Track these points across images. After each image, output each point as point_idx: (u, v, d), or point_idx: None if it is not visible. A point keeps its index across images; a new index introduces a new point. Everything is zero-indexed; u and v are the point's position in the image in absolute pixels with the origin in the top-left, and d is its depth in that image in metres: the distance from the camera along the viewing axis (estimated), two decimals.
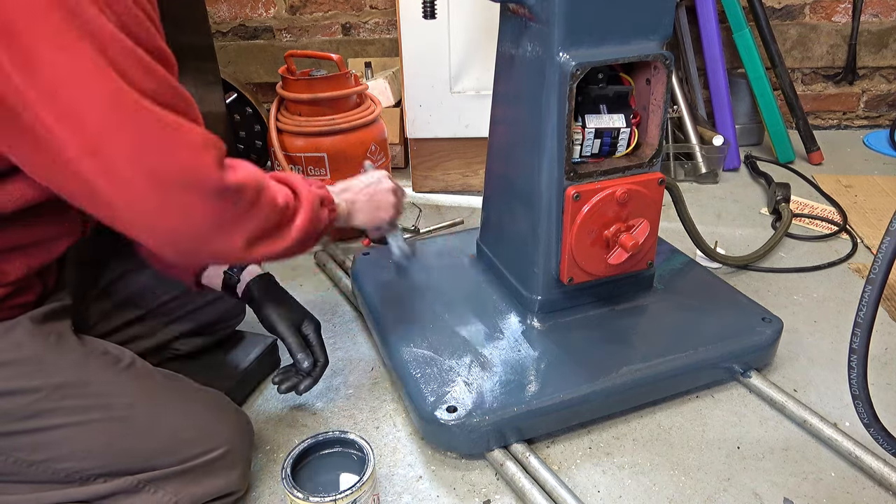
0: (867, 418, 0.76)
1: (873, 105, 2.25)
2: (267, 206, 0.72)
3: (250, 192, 0.69)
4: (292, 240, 0.77)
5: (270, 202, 0.73)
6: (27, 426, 0.73)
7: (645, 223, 1.01)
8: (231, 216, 0.68)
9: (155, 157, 0.62)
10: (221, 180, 0.65)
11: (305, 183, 0.84)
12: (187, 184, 0.64)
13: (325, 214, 0.86)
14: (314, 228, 0.81)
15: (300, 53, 1.50)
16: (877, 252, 0.67)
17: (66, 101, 0.59)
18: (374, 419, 1.04)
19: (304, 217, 0.79)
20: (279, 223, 0.75)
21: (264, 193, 0.72)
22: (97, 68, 0.59)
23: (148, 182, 0.62)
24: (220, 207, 0.66)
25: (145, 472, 0.77)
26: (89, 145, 0.60)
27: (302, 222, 0.78)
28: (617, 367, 0.99)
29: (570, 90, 0.93)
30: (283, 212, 0.76)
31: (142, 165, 0.62)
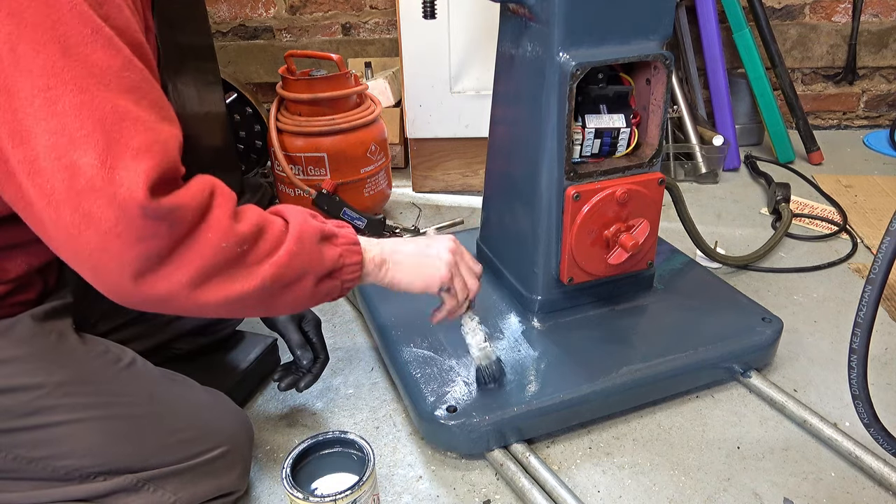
0: (867, 418, 0.76)
1: (873, 105, 2.25)
2: (217, 233, 0.59)
3: (189, 214, 0.58)
4: (264, 278, 0.63)
5: (223, 228, 0.60)
6: (27, 423, 0.73)
7: (645, 223, 1.01)
8: (163, 245, 0.57)
9: (79, 150, 0.53)
10: (146, 197, 0.54)
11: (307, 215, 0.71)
12: (106, 194, 0.53)
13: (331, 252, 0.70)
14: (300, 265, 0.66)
15: (300, 53, 1.50)
16: (877, 252, 0.67)
17: (2, 73, 0.52)
18: (374, 419, 1.04)
19: (285, 249, 0.65)
20: (241, 256, 0.62)
21: (212, 215, 0.60)
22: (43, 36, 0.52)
23: (66, 184, 0.53)
24: (148, 232, 0.55)
25: (145, 470, 0.77)
26: (15, 128, 0.53)
27: (281, 256, 0.64)
28: (617, 367, 0.99)
29: (570, 90, 0.93)
30: (250, 241, 0.62)
31: (63, 159, 0.53)
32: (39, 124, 0.53)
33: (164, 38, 0.74)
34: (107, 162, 0.54)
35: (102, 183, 0.53)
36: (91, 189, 0.53)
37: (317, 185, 1.46)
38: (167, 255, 0.57)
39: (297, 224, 0.68)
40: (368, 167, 1.51)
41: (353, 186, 1.50)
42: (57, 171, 0.53)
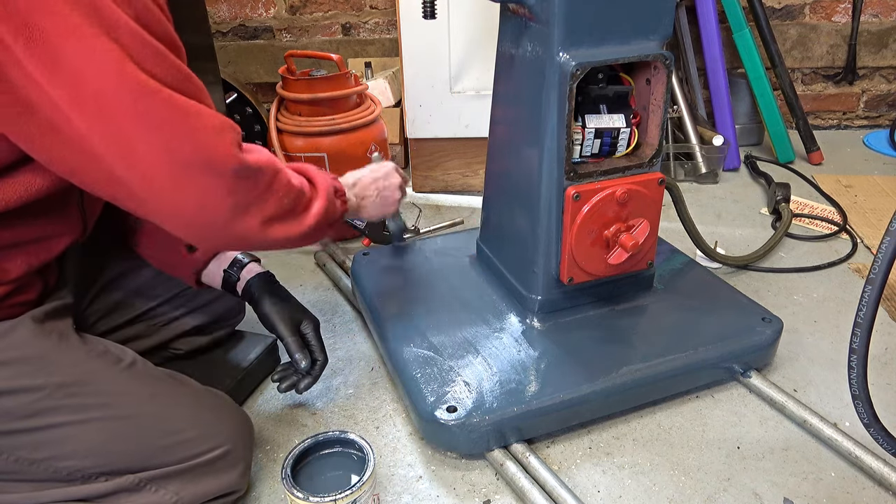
0: (867, 418, 0.76)
1: (873, 105, 2.25)
2: (283, 188, 0.74)
3: (267, 173, 0.71)
4: (308, 226, 0.79)
5: (286, 185, 0.75)
6: (29, 425, 0.73)
7: (645, 223, 1.01)
8: (249, 197, 0.70)
9: (175, 142, 0.64)
10: (240, 161, 0.67)
11: (321, 172, 0.86)
12: (207, 165, 0.66)
13: (338, 206, 0.87)
14: (329, 217, 0.83)
15: (300, 53, 1.50)
16: (877, 252, 0.67)
17: (88, 94, 0.61)
18: (374, 419, 1.04)
19: (320, 204, 0.81)
20: (295, 207, 0.77)
21: (280, 176, 0.74)
22: (116, 60, 0.61)
23: (169, 167, 0.64)
24: (239, 187, 0.68)
25: (146, 470, 0.77)
26: (112, 135, 0.62)
27: (318, 209, 0.80)
28: (617, 367, 0.99)
29: (570, 90, 0.93)
30: (300, 196, 0.78)
31: (162, 150, 0.63)
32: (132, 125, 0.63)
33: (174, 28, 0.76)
34: (198, 143, 0.65)
35: (199, 159, 0.65)
36: (189, 165, 0.65)
37: None
38: (250, 205, 0.70)
39: (323, 183, 0.83)
40: None
41: None
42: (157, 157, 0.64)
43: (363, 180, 1.03)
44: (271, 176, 0.72)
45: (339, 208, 0.87)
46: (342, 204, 0.89)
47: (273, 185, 0.73)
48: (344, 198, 0.89)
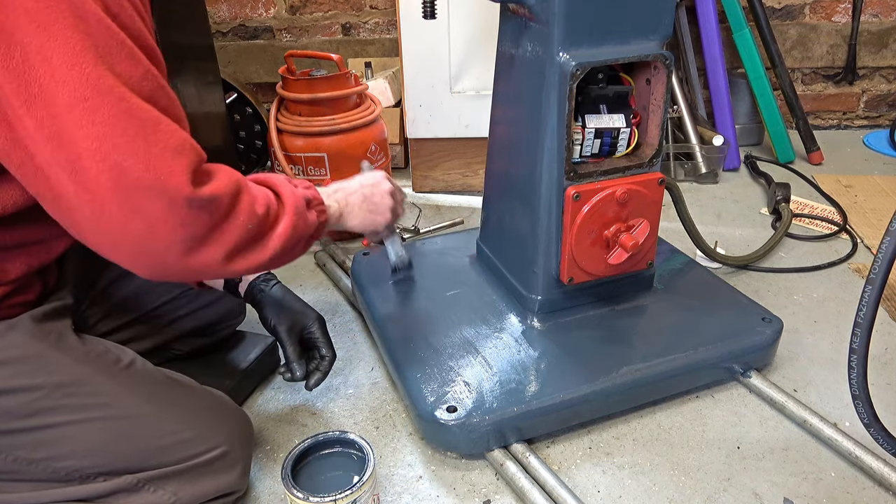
0: (867, 418, 0.76)
1: (873, 105, 2.25)
2: (245, 215, 0.68)
3: (225, 202, 0.65)
4: (274, 249, 0.72)
5: (248, 210, 0.68)
6: (27, 424, 0.73)
7: (645, 223, 1.01)
8: (203, 229, 0.64)
9: (123, 154, 0.58)
10: (192, 190, 0.61)
11: (289, 184, 0.79)
12: (157, 189, 0.59)
13: (313, 217, 0.80)
14: (299, 234, 0.76)
15: (300, 53, 1.50)
16: (877, 252, 0.67)
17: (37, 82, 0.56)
18: (374, 419, 1.04)
19: (286, 223, 0.73)
20: (259, 233, 0.70)
21: (241, 202, 0.67)
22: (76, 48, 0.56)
23: (113, 182, 0.58)
24: (193, 219, 0.62)
25: (145, 470, 0.77)
26: (54, 132, 0.57)
27: (284, 228, 0.73)
28: (617, 367, 0.99)
29: (570, 90, 0.93)
30: (264, 220, 0.71)
31: (108, 161, 0.57)
32: (81, 130, 0.57)
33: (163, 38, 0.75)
34: (150, 163, 0.59)
35: (149, 181, 0.59)
36: (138, 186, 0.59)
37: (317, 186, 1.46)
38: (206, 236, 0.64)
39: (290, 198, 0.76)
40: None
41: None
42: (103, 171, 0.58)
43: (347, 186, 0.96)
44: (230, 204, 0.66)
45: (314, 220, 0.80)
46: (319, 214, 0.81)
47: (233, 213, 0.66)
48: (321, 206, 0.83)
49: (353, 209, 0.94)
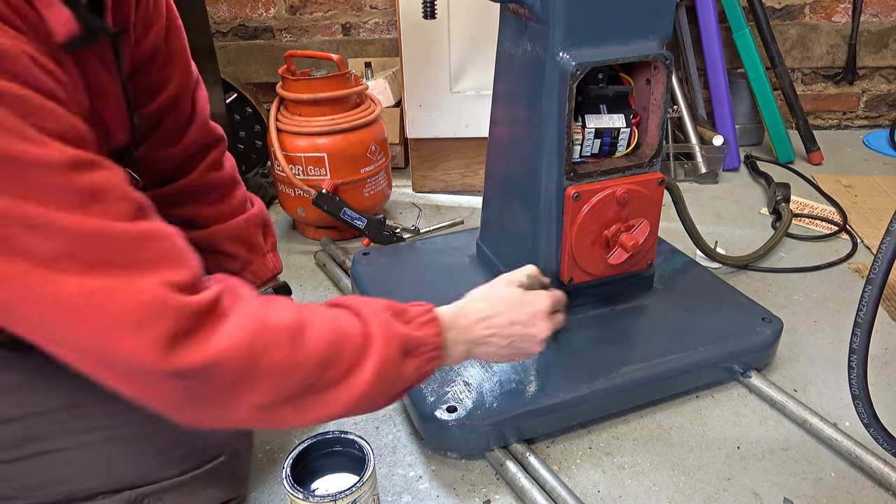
0: (867, 418, 0.76)
1: (873, 105, 2.25)
2: (274, 378, 0.57)
3: (228, 367, 0.55)
4: (342, 406, 0.60)
5: (281, 371, 0.57)
6: (22, 453, 0.71)
7: (645, 223, 1.01)
8: (209, 392, 0.56)
9: (77, 337, 0.52)
10: (168, 363, 0.52)
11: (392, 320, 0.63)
12: (123, 368, 0.54)
13: (412, 369, 0.64)
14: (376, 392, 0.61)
15: (300, 53, 1.50)
16: (877, 252, 0.67)
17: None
18: (374, 419, 1.04)
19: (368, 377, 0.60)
20: (313, 386, 0.59)
21: (265, 360, 0.56)
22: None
23: (78, 361, 0.54)
24: (187, 386, 0.54)
25: (146, 485, 0.75)
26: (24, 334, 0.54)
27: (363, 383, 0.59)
28: (617, 367, 0.99)
29: (570, 90, 0.93)
30: (318, 370, 0.58)
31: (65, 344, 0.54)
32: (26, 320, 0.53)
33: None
34: (106, 345, 0.52)
35: (114, 362, 0.53)
36: (107, 365, 0.54)
37: (317, 185, 1.46)
38: (217, 401, 0.56)
39: (381, 340, 0.61)
40: (368, 167, 1.51)
41: (353, 186, 1.50)
42: (70, 356, 0.55)
43: (496, 319, 0.74)
44: (244, 367, 0.55)
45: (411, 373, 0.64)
46: (425, 363, 0.65)
47: (251, 375, 0.56)
48: (434, 352, 0.66)
49: (489, 352, 0.75)
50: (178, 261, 0.57)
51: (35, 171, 0.50)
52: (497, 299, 0.78)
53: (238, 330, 0.56)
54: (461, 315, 0.74)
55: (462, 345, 0.72)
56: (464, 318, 0.74)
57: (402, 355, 0.64)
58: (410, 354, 0.65)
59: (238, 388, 0.56)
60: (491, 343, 0.74)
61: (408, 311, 0.68)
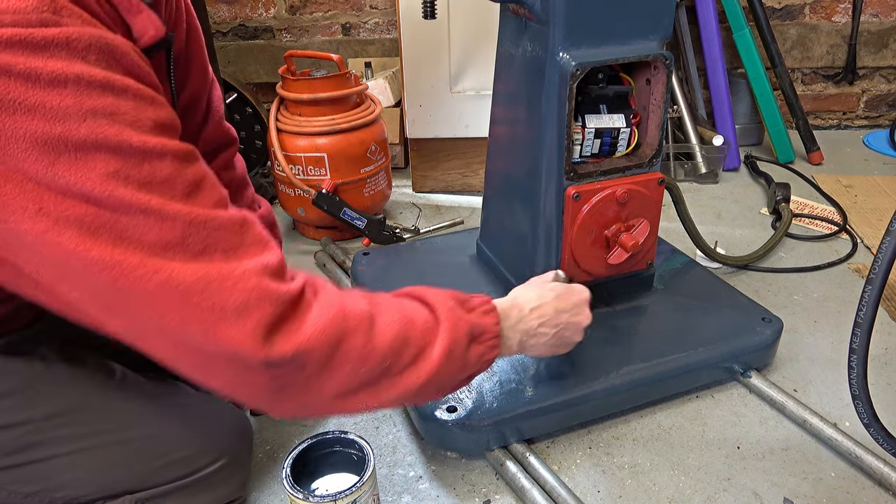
0: (867, 418, 0.76)
1: (873, 105, 2.25)
2: (351, 364, 0.59)
3: (316, 354, 0.57)
4: (414, 387, 0.62)
5: (358, 357, 0.59)
6: (18, 460, 0.70)
7: (645, 223, 1.01)
8: (295, 383, 0.58)
9: (176, 328, 0.54)
10: (266, 353, 0.55)
11: (457, 307, 0.66)
12: (221, 357, 0.55)
13: (476, 355, 0.67)
14: (447, 377, 0.65)
15: (300, 53, 1.50)
16: (877, 252, 0.67)
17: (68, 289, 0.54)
18: (374, 419, 1.04)
19: (430, 364, 0.62)
20: (383, 372, 0.61)
21: (344, 347, 0.59)
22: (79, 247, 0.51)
23: (175, 352, 0.56)
24: (273, 378, 0.56)
25: (145, 489, 0.75)
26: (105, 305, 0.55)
27: (426, 370, 0.62)
28: (617, 367, 0.99)
29: (570, 90, 0.93)
30: (391, 355, 0.61)
31: (167, 338, 0.55)
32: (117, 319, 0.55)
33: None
34: (209, 334, 0.54)
35: (212, 350, 0.54)
36: (205, 355, 0.55)
37: (317, 185, 1.46)
38: (302, 389, 0.58)
39: (449, 325, 0.64)
40: (368, 167, 1.51)
41: (353, 186, 1.50)
42: (165, 347, 0.56)
43: (544, 307, 0.78)
44: (328, 354, 0.58)
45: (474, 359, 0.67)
46: (486, 351, 0.69)
47: (333, 363, 0.58)
48: (493, 340, 0.69)
49: (538, 344, 0.79)
50: (269, 246, 0.59)
51: (152, 162, 0.53)
52: (545, 290, 0.82)
53: (322, 318, 0.58)
54: (514, 306, 0.77)
55: (517, 335, 0.75)
56: (517, 310, 0.77)
57: (467, 341, 0.66)
58: (475, 341, 0.68)
59: (322, 375, 0.58)
60: (541, 334, 0.78)
61: (471, 300, 0.70)
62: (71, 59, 0.50)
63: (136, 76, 0.55)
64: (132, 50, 0.55)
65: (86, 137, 0.50)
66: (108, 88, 0.51)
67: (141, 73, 0.55)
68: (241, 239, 0.57)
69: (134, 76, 0.54)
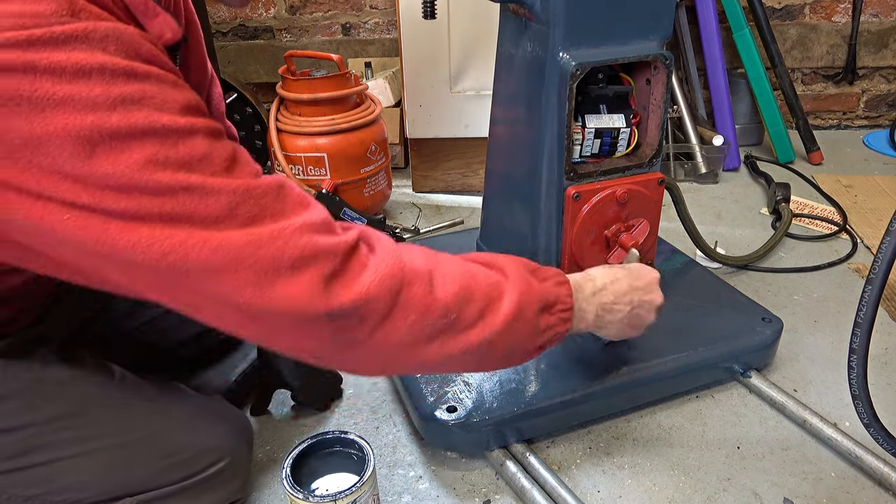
0: (867, 418, 0.76)
1: (873, 105, 2.25)
2: (415, 313, 0.59)
3: (380, 304, 0.57)
4: (476, 344, 0.62)
5: (421, 308, 0.59)
6: (18, 464, 0.70)
7: (645, 223, 1.01)
8: (360, 334, 0.58)
9: (232, 291, 0.54)
10: (327, 305, 0.55)
11: (529, 276, 0.66)
12: (284, 315, 0.55)
13: (546, 324, 0.66)
14: (513, 342, 0.64)
15: (300, 53, 1.50)
16: (877, 252, 0.67)
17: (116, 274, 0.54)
18: (374, 419, 1.04)
19: (505, 315, 0.62)
20: (449, 324, 0.61)
21: (406, 296, 0.59)
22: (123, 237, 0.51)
23: (238, 317, 0.56)
24: (338, 330, 0.57)
25: (146, 491, 0.75)
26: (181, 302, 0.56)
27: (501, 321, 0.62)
28: (617, 367, 0.99)
29: (570, 90, 0.93)
30: (455, 309, 0.61)
31: (221, 301, 0.55)
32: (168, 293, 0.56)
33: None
34: (266, 294, 0.54)
35: (274, 307, 0.54)
36: (266, 314, 0.55)
37: (317, 185, 1.46)
38: (366, 340, 0.58)
39: (519, 287, 0.64)
40: (368, 167, 1.51)
41: (353, 186, 1.50)
42: (223, 315, 0.56)
43: (618, 284, 0.77)
44: (390, 303, 0.58)
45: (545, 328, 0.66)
46: (558, 324, 0.67)
47: (395, 312, 0.58)
48: (565, 312, 0.68)
49: (614, 321, 0.77)
50: (312, 204, 0.60)
51: (186, 141, 0.53)
52: (616, 268, 0.81)
53: (380, 268, 0.58)
54: (588, 279, 0.76)
55: (591, 309, 0.74)
56: (590, 283, 0.76)
57: (539, 308, 0.65)
58: (547, 310, 0.67)
59: (384, 325, 0.58)
60: (617, 310, 0.76)
61: (543, 270, 0.69)
62: (91, 50, 0.50)
63: (157, 63, 0.55)
64: (147, 39, 0.56)
65: (118, 125, 0.50)
66: (131, 76, 0.52)
67: (160, 60, 0.56)
68: (284, 202, 0.57)
69: (155, 63, 0.55)
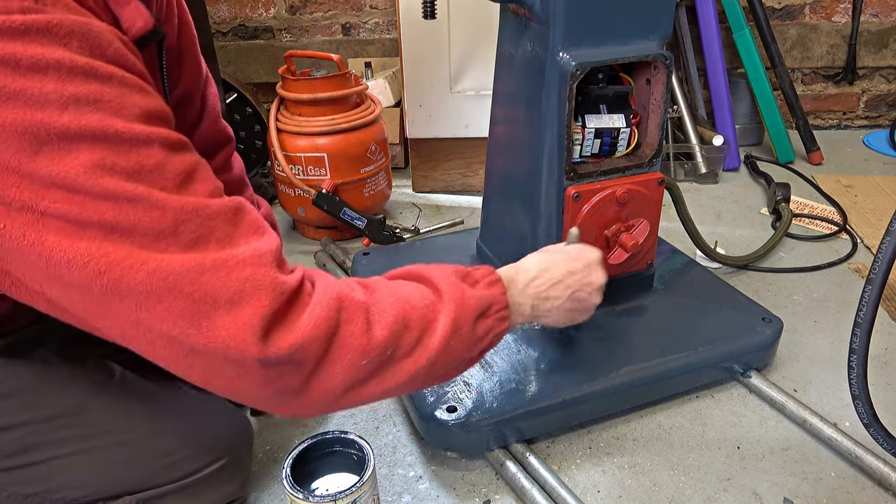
0: (867, 418, 0.76)
1: (873, 105, 2.25)
2: (351, 354, 0.56)
3: (315, 347, 0.55)
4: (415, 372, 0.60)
5: (357, 348, 0.57)
6: (18, 462, 0.70)
7: (645, 223, 1.01)
8: (295, 381, 0.55)
9: (167, 325, 0.51)
10: (261, 349, 0.52)
11: (460, 283, 0.64)
12: (216, 354, 0.52)
13: (484, 329, 0.65)
14: (455, 356, 0.63)
15: (300, 53, 1.50)
16: (877, 252, 0.67)
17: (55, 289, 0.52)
18: (374, 419, 1.04)
19: (434, 344, 0.60)
20: (386, 360, 0.59)
21: (341, 338, 0.56)
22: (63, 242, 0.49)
23: (169, 352, 0.53)
24: (273, 376, 0.54)
25: (145, 490, 0.74)
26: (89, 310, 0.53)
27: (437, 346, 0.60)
28: (617, 367, 0.99)
29: (570, 90, 0.93)
30: (392, 343, 0.58)
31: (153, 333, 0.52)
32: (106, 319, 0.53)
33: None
34: (202, 328, 0.51)
35: (208, 348, 0.52)
36: (198, 353, 0.52)
37: (317, 185, 1.46)
38: (302, 388, 0.56)
39: (453, 302, 0.62)
40: (368, 167, 1.51)
41: (353, 186, 1.50)
42: (156, 346, 0.53)
43: (552, 269, 0.75)
44: (325, 347, 0.55)
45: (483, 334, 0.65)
46: (496, 323, 0.66)
47: (331, 356, 0.56)
48: (502, 312, 0.67)
49: (552, 308, 0.75)
50: (265, 234, 0.57)
51: (139, 150, 0.51)
52: (551, 254, 0.79)
53: (317, 311, 0.55)
54: (520, 271, 0.74)
55: (527, 301, 0.72)
56: (523, 274, 0.74)
57: (474, 316, 0.64)
58: (483, 315, 0.66)
59: (321, 371, 0.56)
60: (553, 297, 0.74)
61: (473, 273, 0.68)
62: (52, 44, 0.48)
63: (123, 65, 0.53)
64: (118, 38, 0.53)
65: (68, 125, 0.48)
66: (91, 75, 0.49)
67: (127, 62, 0.54)
68: (236, 227, 0.54)
69: (120, 65, 0.52)
